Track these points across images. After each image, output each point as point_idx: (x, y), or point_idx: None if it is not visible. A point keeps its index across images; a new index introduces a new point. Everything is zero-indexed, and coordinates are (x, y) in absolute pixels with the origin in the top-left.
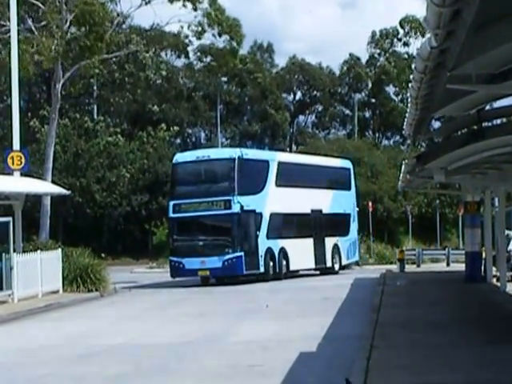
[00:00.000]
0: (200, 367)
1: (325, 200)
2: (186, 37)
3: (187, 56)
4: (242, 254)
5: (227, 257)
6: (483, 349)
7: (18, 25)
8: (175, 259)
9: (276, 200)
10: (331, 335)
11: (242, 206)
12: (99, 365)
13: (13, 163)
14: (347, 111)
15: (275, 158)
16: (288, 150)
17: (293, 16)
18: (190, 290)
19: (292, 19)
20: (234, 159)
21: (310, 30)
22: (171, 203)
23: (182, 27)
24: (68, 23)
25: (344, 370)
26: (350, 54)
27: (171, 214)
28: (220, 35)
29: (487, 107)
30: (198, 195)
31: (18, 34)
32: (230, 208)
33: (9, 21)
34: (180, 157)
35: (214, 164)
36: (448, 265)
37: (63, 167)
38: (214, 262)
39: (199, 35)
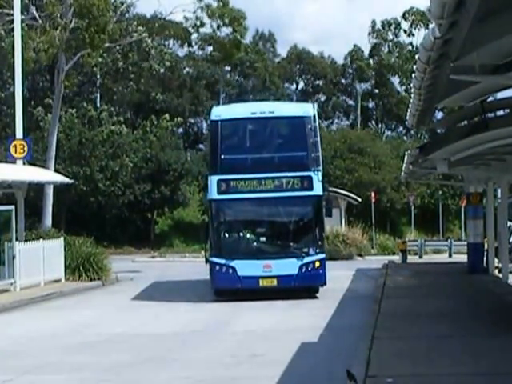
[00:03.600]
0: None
1: None
2: (193, 26)
3: (190, 45)
4: (325, 255)
5: (307, 260)
6: (484, 340)
7: (22, 13)
8: (221, 262)
9: None
10: (333, 326)
11: (325, 187)
12: (99, 354)
13: (16, 152)
14: (350, 101)
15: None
16: None
17: (297, 5)
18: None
19: (296, 8)
20: (310, 118)
21: (314, 20)
22: (214, 179)
23: (185, 18)
24: (70, 14)
25: (345, 360)
26: (355, 45)
27: (214, 195)
28: (219, 27)
29: (490, 98)
30: (257, 168)
31: (22, 23)
32: (310, 188)
33: (13, 9)
34: (224, 111)
35: (280, 124)
36: (450, 256)
37: (67, 155)
38: (286, 266)
39: (197, 28)
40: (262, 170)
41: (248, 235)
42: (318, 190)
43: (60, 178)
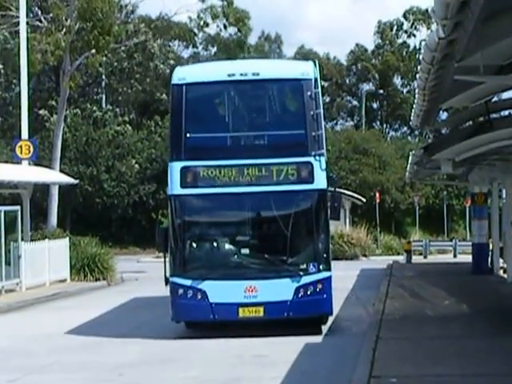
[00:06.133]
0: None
1: None
2: (197, 27)
3: (195, 46)
4: (330, 273)
5: (306, 280)
6: (489, 341)
7: (27, 15)
8: (185, 283)
9: None
10: (337, 326)
11: (330, 177)
12: (105, 353)
13: (21, 152)
14: (355, 102)
15: None
16: None
17: (303, 6)
18: None
19: (302, 9)
20: (311, 81)
21: (319, 21)
22: (176, 167)
23: (189, 18)
24: (75, 16)
25: (350, 360)
26: (357, 44)
27: (176, 189)
28: (226, 28)
29: (495, 98)
30: (237, 152)
31: (27, 25)
32: (310, 180)
33: (18, 11)
34: (191, 73)
35: (269, 90)
36: (455, 256)
37: (73, 156)
38: (277, 290)
39: (201, 28)
40: (244, 154)
41: (224, 246)
42: (320, 182)
43: (65, 179)
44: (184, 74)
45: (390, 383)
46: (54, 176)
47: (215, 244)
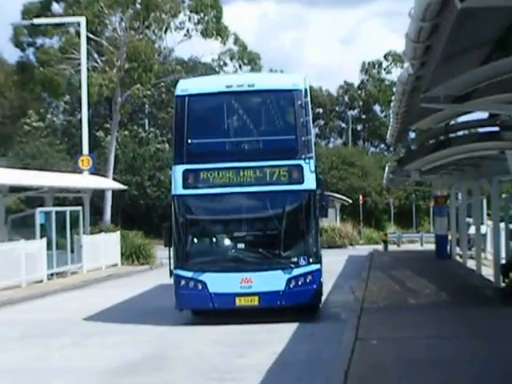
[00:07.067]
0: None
1: None
2: (218, 66)
3: None
4: (319, 265)
5: (296, 272)
6: (449, 310)
7: (87, 58)
8: (187, 275)
9: None
10: (331, 293)
11: (319, 179)
12: (147, 321)
13: (83, 164)
14: (343, 125)
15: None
16: None
17: (303, 49)
18: None
19: (302, 52)
20: (301, 92)
21: (316, 60)
22: (179, 169)
23: (212, 59)
24: (124, 58)
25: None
26: (345, 81)
27: (179, 190)
28: (241, 67)
29: (452, 122)
30: (233, 156)
31: (87, 65)
32: (300, 181)
33: (79, 54)
34: (192, 85)
35: (263, 100)
36: (421, 245)
37: (123, 167)
38: (270, 281)
39: (222, 67)
40: (240, 157)
41: (222, 241)
42: (310, 183)
43: (117, 185)
44: (186, 86)
45: (372, 344)
46: (107, 183)
47: (214, 239)
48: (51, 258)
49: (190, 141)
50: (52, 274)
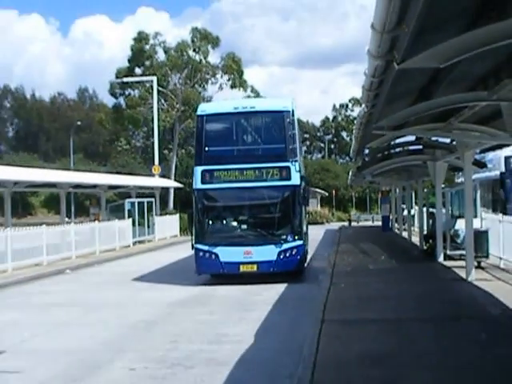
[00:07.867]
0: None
1: None
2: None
3: None
4: (303, 242)
5: (285, 246)
6: (392, 268)
7: (158, 102)
8: (204, 248)
9: None
10: (315, 254)
11: (302, 177)
12: (190, 277)
13: (154, 171)
14: (322, 145)
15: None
16: None
17: (296, 96)
18: None
19: (295, 98)
20: (289, 112)
21: (304, 102)
22: (199, 169)
23: None
24: (180, 102)
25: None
26: (326, 116)
27: (198, 185)
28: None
29: (393, 142)
30: (239, 160)
31: (157, 106)
32: (288, 178)
33: (152, 99)
34: (209, 107)
35: (261, 118)
36: (373, 222)
37: (180, 173)
38: (266, 253)
39: None
40: (244, 161)
41: (230, 223)
42: (295, 179)
43: (176, 184)
44: (205, 108)
45: (341, 288)
46: (170, 183)
47: (224, 222)
48: (135, 231)
49: (207, 148)
50: (135, 242)
